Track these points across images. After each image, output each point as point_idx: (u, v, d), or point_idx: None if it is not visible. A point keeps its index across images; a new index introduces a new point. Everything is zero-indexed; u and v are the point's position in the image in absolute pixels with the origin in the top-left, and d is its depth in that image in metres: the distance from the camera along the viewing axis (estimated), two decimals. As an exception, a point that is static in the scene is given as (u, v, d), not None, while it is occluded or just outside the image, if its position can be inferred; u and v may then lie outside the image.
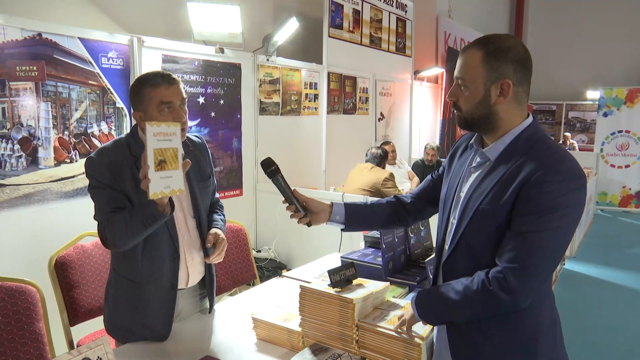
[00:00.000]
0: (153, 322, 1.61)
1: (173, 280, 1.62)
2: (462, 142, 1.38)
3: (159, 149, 1.32)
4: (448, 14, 8.15)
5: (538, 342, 1.17)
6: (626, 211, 8.35)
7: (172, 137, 1.36)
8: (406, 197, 1.56)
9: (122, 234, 1.48)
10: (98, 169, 1.53)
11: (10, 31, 2.31)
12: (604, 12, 10.85)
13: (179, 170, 1.38)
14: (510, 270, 1.09)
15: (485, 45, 1.16)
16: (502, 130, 1.19)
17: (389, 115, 5.96)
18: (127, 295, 1.64)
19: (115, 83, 2.79)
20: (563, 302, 4.21)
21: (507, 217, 1.12)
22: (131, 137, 1.61)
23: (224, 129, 3.61)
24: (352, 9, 5.00)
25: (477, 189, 1.19)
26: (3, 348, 1.60)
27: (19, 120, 2.38)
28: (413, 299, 1.28)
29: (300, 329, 1.51)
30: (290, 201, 1.45)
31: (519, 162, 1.13)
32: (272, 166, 1.44)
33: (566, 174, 1.09)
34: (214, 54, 3.46)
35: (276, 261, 3.69)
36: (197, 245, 1.70)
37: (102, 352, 1.09)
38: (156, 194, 1.32)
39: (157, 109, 1.52)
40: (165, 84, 1.53)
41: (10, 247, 2.36)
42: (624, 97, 8.34)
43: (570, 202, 1.09)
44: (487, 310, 1.14)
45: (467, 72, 1.17)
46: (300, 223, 1.47)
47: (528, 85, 1.19)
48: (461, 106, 1.21)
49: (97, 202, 1.54)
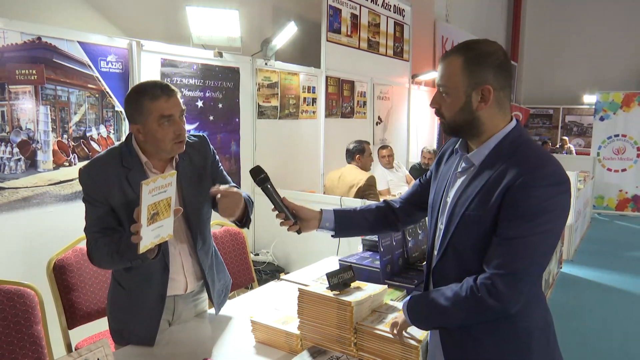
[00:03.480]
0: (139, 328, 1.61)
1: (162, 292, 1.62)
2: (449, 146, 1.38)
3: (152, 204, 1.29)
4: (445, 18, 8.19)
5: (530, 345, 1.17)
6: (623, 214, 8.38)
7: (168, 188, 1.33)
8: (395, 202, 1.57)
9: (106, 262, 1.50)
10: (86, 183, 1.53)
11: (10, 35, 2.31)
12: (601, 17, 10.92)
13: (170, 217, 1.37)
14: (497, 276, 1.09)
15: (465, 52, 1.16)
16: (486, 135, 1.19)
17: (387, 119, 5.97)
18: (119, 299, 1.67)
19: (114, 87, 2.80)
20: (560, 305, 4.23)
21: (493, 222, 1.12)
22: (125, 147, 1.58)
23: (222, 133, 3.62)
24: (350, 13, 5.02)
25: (462, 194, 1.20)
26: (2, 351, 1.60)
27: (18, 124, 2.38)
28: (404, 304, 1.29)
29: (298, 332, 1.52)
30: (280, 209, 1.45)
31: (503, 167, 1.13)
32: (261, 174, 1.44)
33: (550, 178, 1.09)
34: (212, 58, 3.47)
35: (274, 264, 3.69)
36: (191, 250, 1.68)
37: (101, 354, 1.09)
38: (146, 247, 1.31)
39: (157, 123, 1.49)
40: (164, 96, 1.49)
41: (8, 250, 2.36)
42: (620, 102, 8.39)
43: (555, 207, 1.09)
44: (476, 316, 1.15)
45: (448, 79, 1.17)
46: (290, 230, 1.48)
47: (509, 90, 1.20)
48: (444, 113, 1.21)
49: (87, 216, 1.54)
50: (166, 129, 1.50)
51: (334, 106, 4.92)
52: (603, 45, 10.89)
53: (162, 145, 1.53)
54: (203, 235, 1.69)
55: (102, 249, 1.47)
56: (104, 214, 1.52)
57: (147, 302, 1.61)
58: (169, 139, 1.51)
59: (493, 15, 10.90)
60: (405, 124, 6.45)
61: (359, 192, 3.69)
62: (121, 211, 1.52)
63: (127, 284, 1.64)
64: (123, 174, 1.53)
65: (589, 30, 11.02)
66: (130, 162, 1.55)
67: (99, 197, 1.51)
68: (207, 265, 1.72)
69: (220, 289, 1.83)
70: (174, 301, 1.70)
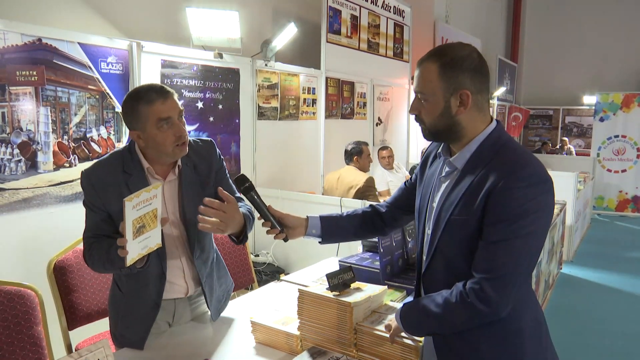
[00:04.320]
0: (130, 332, 1.61)
1: (157, 300, 1.61)
2: (432, 149, 1.38)
3: (137, 218, 1.29)
4: (445, 20, 8.20)
5: (523, 347, 1.17)
6: (623, 215, 8.38)
7: (153, 200, 1.33)
8: (381, 207, 1.57)
9: (99, 268, 1.53)
10: (86, 188, 1.53)
11: (11, 36, 2.32)
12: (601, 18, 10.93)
13: (157, 227, 1.37)
14: (486, 280, 1.09)
15: (439, 58, 1.15)
16: (467, 138, 1.19)
17: (387, 120, 5.98)
18: (115, 301, 1.69)
19: (115, 88, 2.81)
20: (560, 306, 4.23)
21: (478, 226, 1.12)
22: (127, 152, 1.57)
23: (222, 134, 3.62)
24: (350, 14, 5.03)
25: (447, 199, 1.20)
26: (2, 352, 1.61)
27: (18, 125, 2.39)
28: (397, 312, 1.30)
29: (298, 333, 1.52)
30: (266, 217, 1.44)
31: (485, 170, 1.13)
32: (246, 183, 1.43)
33: (531, 179, 1.09)
34: (212, 59, 3.47)
35: (274, 265, 3.69)
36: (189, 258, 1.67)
37: (102, 355, 1.09)
38: (133, 259, 1.33)
39: (155, 127, 1.47)
40: (160, 99, 1.46)
41: (9, 251, 2.37)
42: (620, 102, 8.39)
43: (538, 207, 1.09)
44: (468, 321, 1.15)
45: (425, 85, 1.17)
46: (276, 239, 1.47)
47: (487, 92, 1.20)
48: (424, 119, 1.21)
49: (86, 219, 1.55)
50: (166, 131, 1.47)
51: (334, 107, 4.93)
52: (603, 46, 10.90)
53: (163, 149, 1.50)
54: (201, 244, 1.67)
55: (95, 256, 1.49)
56: (100, 220, 1.52)
57: (142, 308, 1.61)
58: (169, 142, 1.49)
59: (493, 16, 10.91)
60: (405, 124, 6.46)
61: (358, 194, 3.69)
62: (118, 218, 1.48)
63: (124, 288, 1.65)
64: (124, 180, 1.52)
65: (589, 31, 11.03)
66: (131, 168, 1.54)
67: (98, 203, 1.51)
68: (204, 273, 1.69)
69: (221, 294, 1.81)
70: (174, 304, 1.70)
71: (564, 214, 5.24)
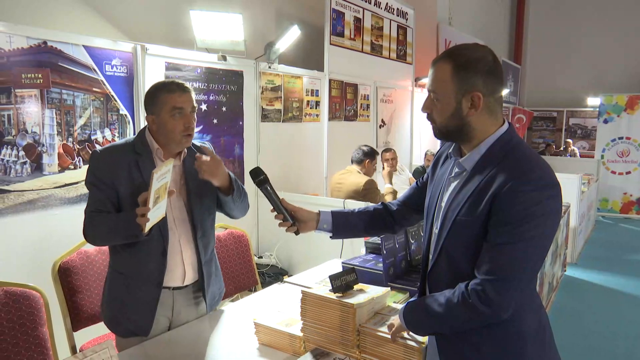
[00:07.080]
0: (136, 316, 1.66)
1: (159, 278, 1.67)
2: (444, 149, 1.38)
3: (157, 189, 1.42)
4: (448, 21, 8.20)
5: (525, 350, 1.17)
6: (627, 217, 8.35)
7: (167, 174, 1.48)
8: (392, 204, 1.58)
9: (102, 238, 1.62)
10: (98, 163, 1.63)
11: (16, 39, 2.34)
12: (604, 19, 10.90)
13: (165, 199, 1.51)
14: (488, 282, 1.09)
15: (454, 58, 1.15)
16: (477, 140, 1.19)
17: (390, 121, 5.98)
18: (116, 288, 1.72)
19: (119, 90, 2.82)
20: (564, 308, 4.22)
21: (484, 227, 1.12)
22: (137, 138, 1.70)
23: (226, 136, 3.63)
24: (353, 16, 5.04)
25: (454, 199, 1.20)
26: (7, 352, 1.62)
27: (24, 127, 2.40)
28: (401, 311, 1.30)
29: (301, 334, 1.53)
30: (279, 210, 1.48)
31: (493, 172, 1.13)
32: (261, 175, 1.49)
33: (538, 182, 1.08)
34: (216, 62, 3.49)
35: (278, 267, 3.70)
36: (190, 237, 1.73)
37: (106, 356, 1.10)
38: (148, 226, 1.45)
39: (169, 114, 1.62)
40: (179, 91, 1.64)
41: (14, 253, 2.38)
42: (624, 104, 8.37)
43: (544, 211, 1.08)
44: (469, 322, 1.15)
45: (438, 85, 1.17)
46: (288, 232, 1.50)
47: (500, 94, 1.19)
48: (435, 118, 1.22)
49: (89, 197, 1.65)
50: (177, 120, 1.62)
51: (338, 109, 4.93)
52: (606, 48, 10.86)
53: (171, 135, 1.64)
54: (204, 227, 1.75)
55: (100, 225, 1.58)
56: (105, 198, 1.61)
57: (145, 290, 1.66)
58: (178, 130, 1.63)
59: (496, 17, 10.90)
60: (408, 126, 6.46)
61: (358, 196, 3.71)
62: (126, 195, 1.60)
63: (126, 269, 1.69)
64: (134, 159, 1.64)
65: (592, 33, 11.00)
66: (140, 148, 1.67)
67: (106, 179, 1.61)
68: (205, 257, 1.76)
69: (216, 291, 1.87)
70: (172, 296, 1.72)
71: (568, 216, 5.22)
